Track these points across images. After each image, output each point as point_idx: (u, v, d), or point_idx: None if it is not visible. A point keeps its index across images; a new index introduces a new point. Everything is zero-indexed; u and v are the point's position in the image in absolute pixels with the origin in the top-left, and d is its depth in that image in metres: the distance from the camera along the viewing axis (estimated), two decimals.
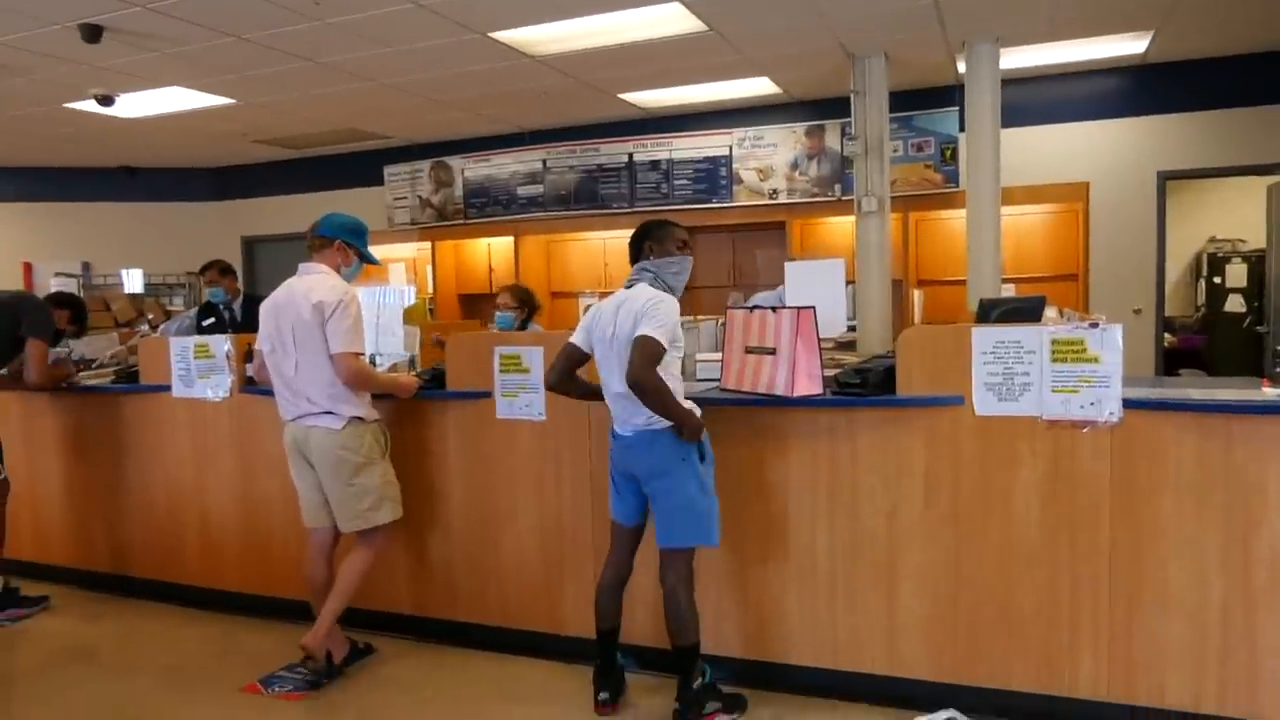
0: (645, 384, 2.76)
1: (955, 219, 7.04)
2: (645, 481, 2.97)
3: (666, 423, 2.87)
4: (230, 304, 5.80)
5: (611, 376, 2.99)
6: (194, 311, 6.08)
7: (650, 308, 2.83)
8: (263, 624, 4.06)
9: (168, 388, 4.30)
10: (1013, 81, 6.54)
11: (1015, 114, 6.57)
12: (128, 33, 5.35)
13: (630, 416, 2.95)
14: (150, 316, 8.69)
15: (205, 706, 3.32)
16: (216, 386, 4.16)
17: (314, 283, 3.35)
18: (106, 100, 6.71)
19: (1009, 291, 6.44)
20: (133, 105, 7.02)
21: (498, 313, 4.92)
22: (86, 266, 9.49)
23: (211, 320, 5.70)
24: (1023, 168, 6.80)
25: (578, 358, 3.08)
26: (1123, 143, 6.92)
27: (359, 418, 3.38)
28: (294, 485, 3.52)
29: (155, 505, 4.43)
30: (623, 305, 2.94)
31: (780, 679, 3.23)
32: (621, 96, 7.37)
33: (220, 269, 5.84)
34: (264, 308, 3.47)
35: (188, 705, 3.33)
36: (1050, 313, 3.47)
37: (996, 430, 2.92)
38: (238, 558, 4.23)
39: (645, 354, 2.77)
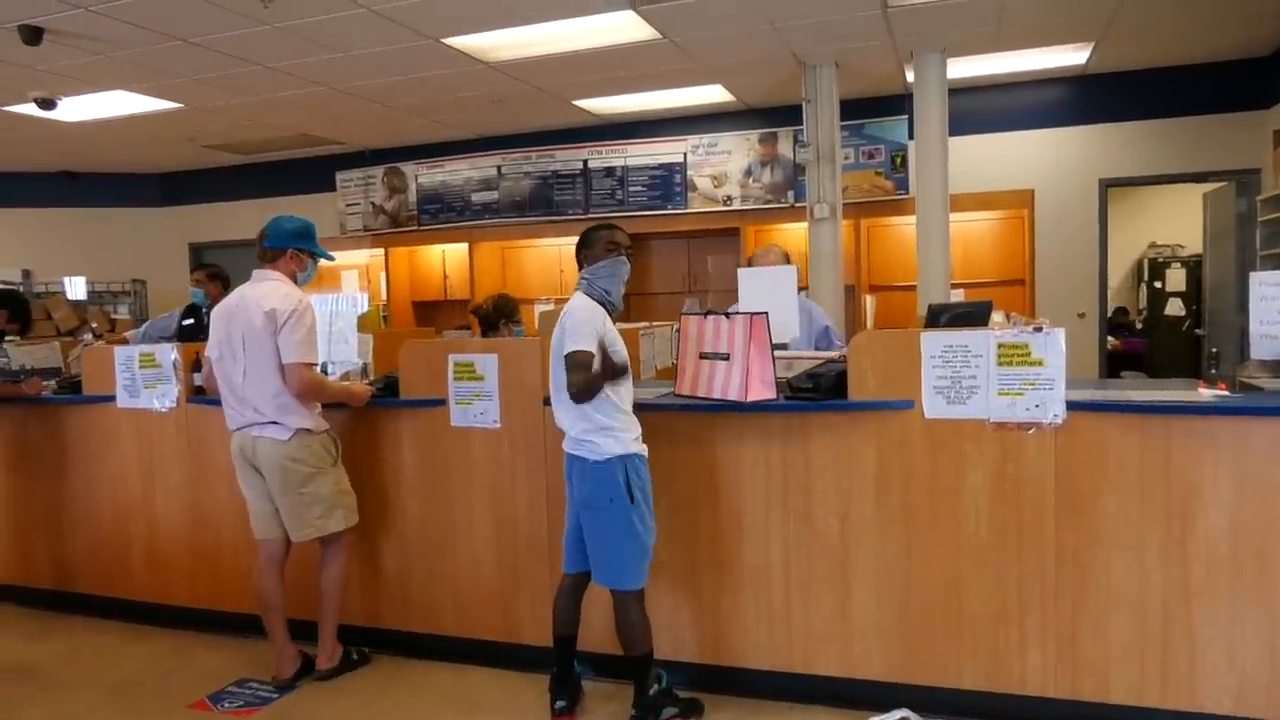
0: (581, 390, 2.81)
1: (906, 225, 7.16)
2: (579, 507, 3.00)
3: (600, 454, 2.88)
4: (211, 308, 5.69)
5: (553, 396, 3.03)
6: (178, 310, 5.95)
7: (570, 322, 2.87)
8: (213, 639, 3.98)
9: (112, 398, 4.21)
10: (960, 91, 6.68)
11: (963, 123, 6.72)
12: (69, 35, 5.23)
13: (568, 429, 2.98)
14: (94, 325, 8.48)
15: None
16: (163, 397, 4.08)
17: (267, 290, 3.31)
18: (47, 104, 6.54)
19: (958, 297, 6.56)
20: (75, 109, 6.85)
21: (519, 327, 4.84)
22: (27, 274, 9.24)
23: (191, 321, 5.60)
24: (970, 175, 6.94)
25: None
26: (1066, 151, 7.11)
27: (306, 429, 3.34)
28: (243, 496, 3.47)
29: (100, 519, 4.33)
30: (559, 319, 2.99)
31: (737, 683, 3.25)
32: (576, 103, 7.37)
33: (210, 273, 5.72)
34: (215, 313, 3.43)
35: None
36: (997, 317, 3.54)
37: (945, 433, 2.98)
38: (187, 571, 4.14)
39: (575, 367, 2.82)
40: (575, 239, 3.13)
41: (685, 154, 7.86)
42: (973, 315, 3.39)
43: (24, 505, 4.53)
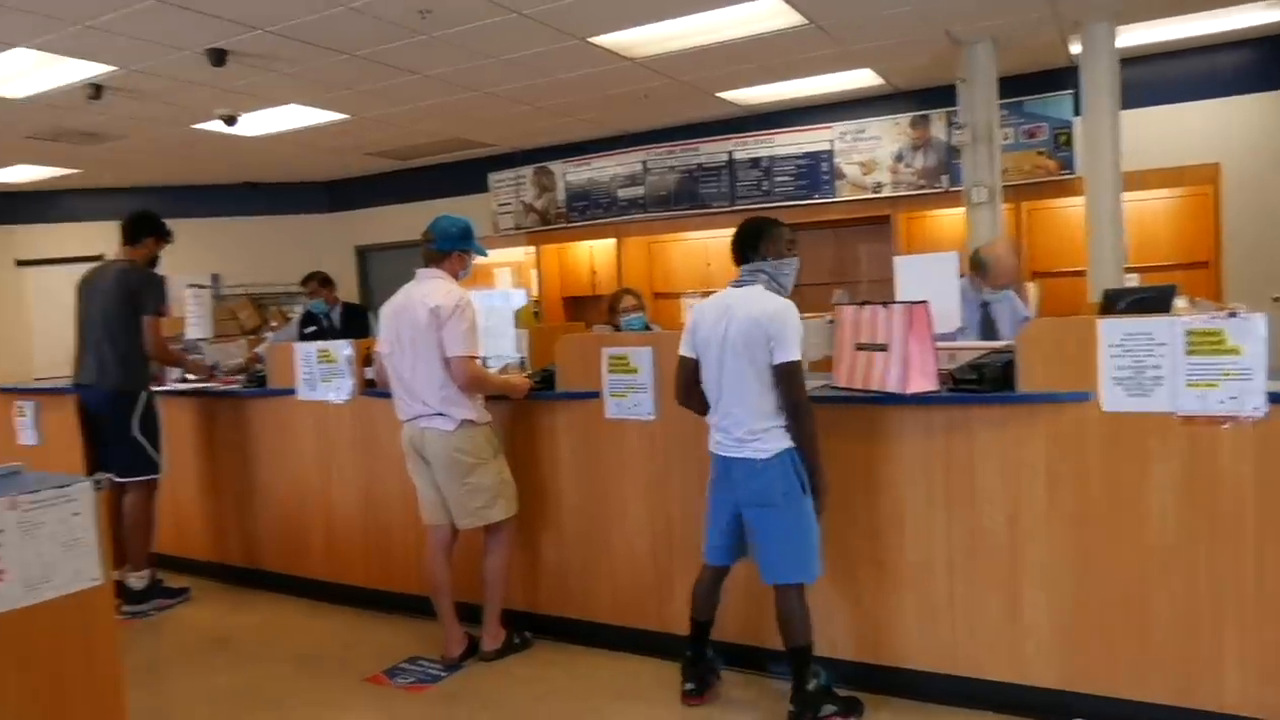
0: (804, 407, 2.83)
1: (1072, 207, 6.75)
2: (744, 508, 2.94)
3: (768, 451, 2.86)
4: (329, 313, 6.10)
5: (720, 383, 2.94)
6: (296, 320, 6.40)
7: (782, 325, 2.82)
8: (386, 618, 4.22)
9: (293, 391, 4.52)
10: (1131, 60, 6.22)
11: (1135, 94, 6.24)
12: (249, 55, 5.64)
13: (730, 429, 2.92)
14: (274, 324, 9.13)
15: (336, 694, 3.48)
16: (338, 390, 4.34)
17: (431, 288, 3.47)
18: (230, 120, 7.07)
19: (1132, 281, 6.13)
20: (254, 124, 7.39)
21: (626, 316, 4.93)
22: (215, 278, 10.03)
23: (313, 329, 5.99)
24: (1145, 151, 6.45)
25: (693, 368, 3.04)
26: (1256, 120, 6.49)
27: (470, 420, 3.48)
28: (413, 484, 3.66)
29: (283, 503, 4.66)
30: (736, 306, 2.91)
31: (896, 683, 3.17)
32: (720, 95, 7.34)
33: (320, 280, 6.15)
34: (384, 311, 3.62)
35: (320, 692, 3.50)
36: (1180, 302, 3.30)
37: (1126, 427, 2.79)
38: (361, 554, 4.41)
39: (796, 381, 2.82)
40: (720, 232, 3.14)
41: (832, 141, 7.69)
42: (1154, 301, 3.19)
43: (218, 490, 4.94)
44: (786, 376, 2.81)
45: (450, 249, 3.55)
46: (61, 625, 1.92)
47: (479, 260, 3.79)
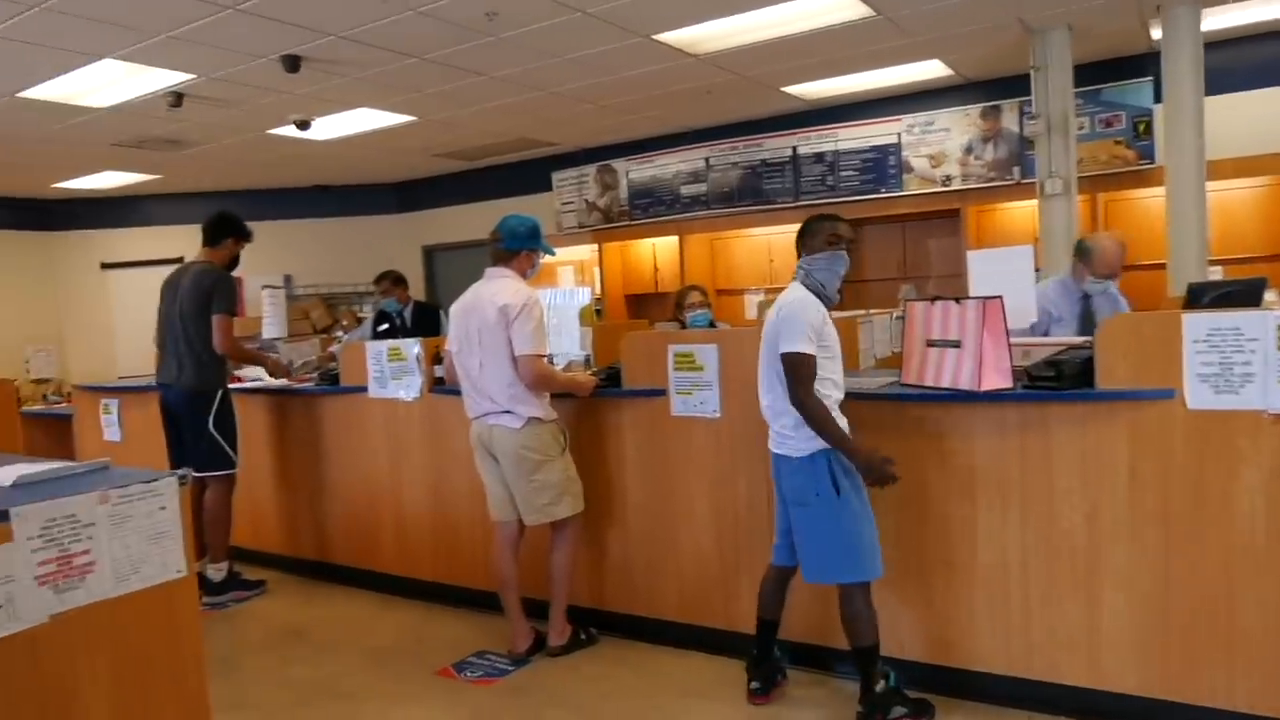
0: (804, 403, 2.80)
1: (1151, 198, 6.51)
2: (788, 505, 2.99)
3: (803, 450, 2.87)
4: (401, 311, 6.22)
5: (760, 384, 3.03)
6: (370, 319, 6.54)
7: (786, 317, 2.84)
8: (454, 612, 4.29)
9: (365, 389, 4.61)
10: (1214, 44, 5.97)
11: (1217, 80, 5.98)
12: (322, 61, 5.77)
13: (770, 423, 2.99)
14: (344, 323, 9.35)
15: (407, 686, 3.55)
16: (408, 387, 4.42)
17: (499, 287, 3.52)
18: (304, 125, 7.26)
19: (1215, 274, 5.90)
20: (326, 128, 7.56)
21: (692, 313, 4.93)
22: (288, 279, 10.30)
23: (386, 327, 6.11)
24: (1230, 138, 6.18)
25: None
26: None
27: (537, 418, 3.51)
28: (481, 480, 3.71)
29: (355, 499, 4.77)
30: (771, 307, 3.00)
31: (967, 686, 3.10)
32: (785, 90, 7.27)
33: (393, 279, 6.27)
34: (454, 310, 3.68)
35: (390, 684, 3.57)
36: (1270, 296, 3.17)
37: (1213, 426, 2.68)
38: (430, 549, 4.48)
39: (796, 374, 2.80)
40: (785, 228, 3.16)
41: (900, 134, 7.54)
42: (1242, 294, 3.06)
43: (291, 485, 5.08)
44: (786, 367, 2.82)
45: (518, 248, 3.60)
46: (148, 615, 1.99)
47: (545, 259, 3.82)
